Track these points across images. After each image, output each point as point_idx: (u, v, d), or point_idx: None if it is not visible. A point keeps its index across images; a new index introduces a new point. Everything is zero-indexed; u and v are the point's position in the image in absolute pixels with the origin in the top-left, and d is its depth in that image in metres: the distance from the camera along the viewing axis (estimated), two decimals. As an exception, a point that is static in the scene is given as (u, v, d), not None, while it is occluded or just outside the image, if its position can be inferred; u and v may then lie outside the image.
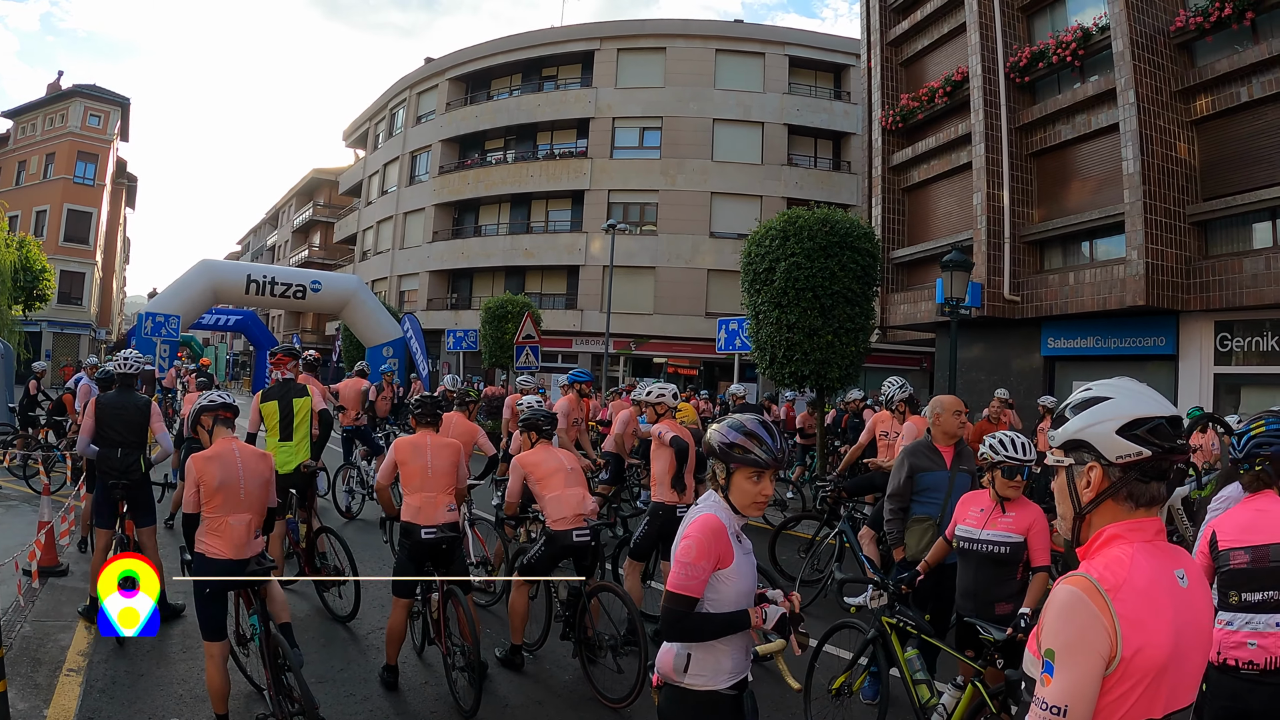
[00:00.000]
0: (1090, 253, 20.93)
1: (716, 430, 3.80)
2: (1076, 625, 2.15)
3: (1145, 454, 2.28)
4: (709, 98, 42.65)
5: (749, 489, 3.74)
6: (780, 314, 17.36)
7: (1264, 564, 4.30)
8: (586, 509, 7.89)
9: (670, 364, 42.12)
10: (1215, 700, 4.34)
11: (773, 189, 41.79)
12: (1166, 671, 2.17)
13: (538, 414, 8.50)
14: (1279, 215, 17.68)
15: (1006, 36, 21.92)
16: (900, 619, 6.09)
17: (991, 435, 5.94)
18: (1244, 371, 18.55)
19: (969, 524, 5.97)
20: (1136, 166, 18.10)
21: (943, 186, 24.68)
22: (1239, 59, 17.73)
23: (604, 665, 7.57)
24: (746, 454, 3.71)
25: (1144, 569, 2.21)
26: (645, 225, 42.92)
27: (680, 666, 3.71)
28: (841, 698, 6.30)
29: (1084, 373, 20.89)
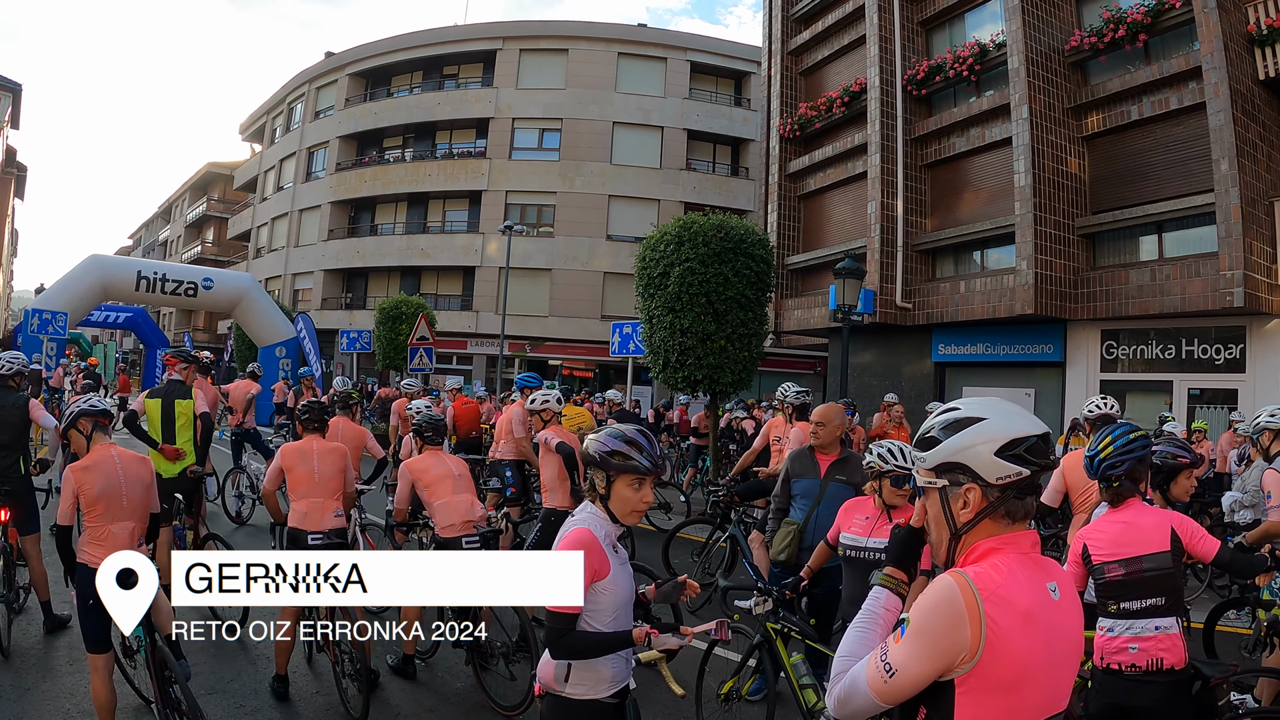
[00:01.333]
0: (981, 262, 21.11)
1: (596, 439, 3.79)
2: (939, 616, 2.18)
3: (1025, 473, 2.28)
4: (609, 101, 42.26)
5: (630, 497, 3.73)
6: (674, 319, 17.27)
7: (1138, 575, 4.52)
8: (475, 515, 7.79)
9: (566, 367, 41.69)
10: (1100, 697, 4.59)
11: (671, 193, 41.64)
12: (1036, 680, 2.21)
13: (428, 419, 8.35)
14: (1165, 229, 18.02)
15: (905, 50, 21.98)
16: (785, 624, 6.04)
17: (878, 444, 5.90)
18: (1129, 378, 18.86)
19: (854, 532, 5.90)
20: (1028, 179, 18.27)
21: (838, 194, 24.63)
22: (1130, 79, 18.06)
23: (496, 673, 7.38)
24: (627, 461, 3.70)
25: (1019, 579, 2.23)
26: (542, 227, 42.40)
27: (561, 676, 3.71)
28: (731, 702, 6.31)
29: (974, 379, 21.23)
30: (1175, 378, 17.90)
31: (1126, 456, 4.75)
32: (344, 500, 7.89)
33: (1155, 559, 4.57)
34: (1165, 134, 17.83)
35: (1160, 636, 4.53)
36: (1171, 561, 4.58)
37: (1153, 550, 4.59)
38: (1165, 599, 4.56)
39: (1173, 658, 4.51)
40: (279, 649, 7.19)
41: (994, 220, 19.92)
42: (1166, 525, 4.67)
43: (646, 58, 43.07)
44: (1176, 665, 4.51)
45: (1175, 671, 4.51)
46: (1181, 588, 4.71)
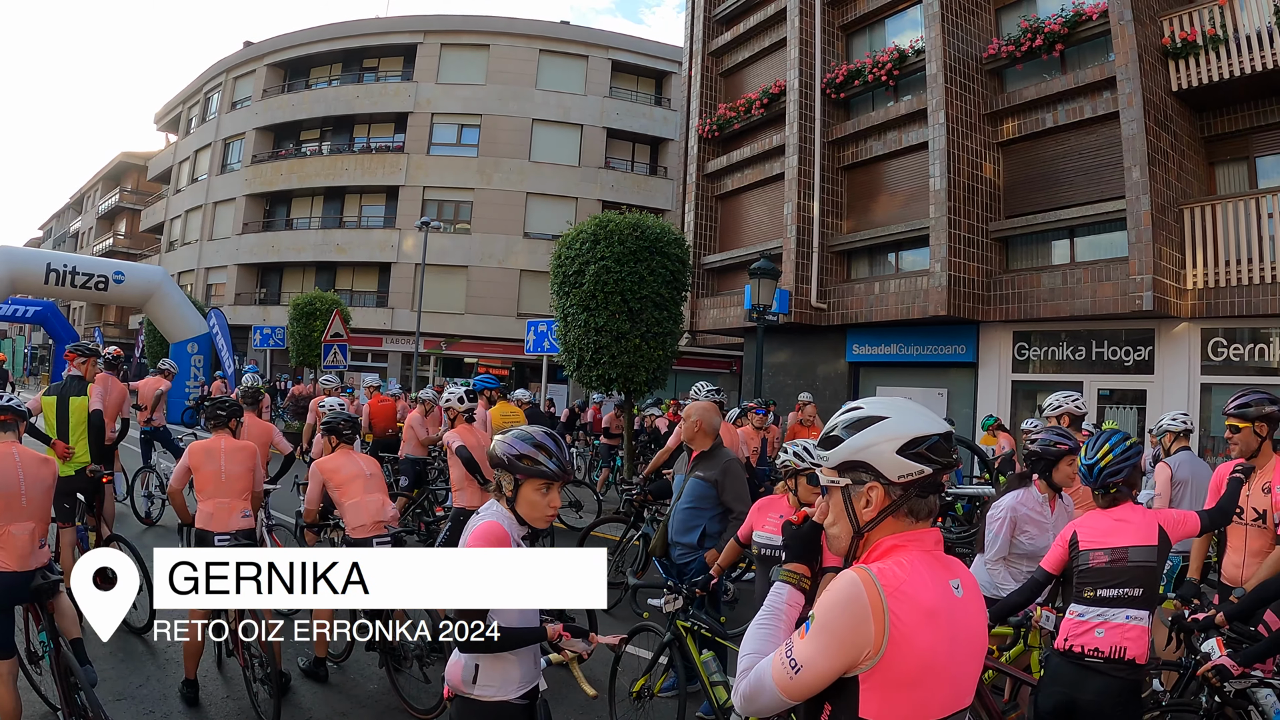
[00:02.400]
0: (896, 264, 21.00)
1: (503, 441, 3.72)
2: (843, 612, 2.17)
3: (926, 471, 2.29)
4: (530, 98, 41.76)
5: (538, 501, 3.69)
6: (589, 317, 17.19)
7: (1122, 564, 4.55)
8: (386, 515, 7.65)
9: (481, 365, 40.86)
10: (1051, 685, 4.61)
11: (589, 191, 41.30)
12: (940, 676, 2.22)
13: (339, 417, 8.13)
14: (1076, 234, 18.07)
15: (825, 54, 21.86)
16: (694, 622, 6.03)
17: (793, 443, 5.86)
18: (1040, 379, 18.89)
19: (768, 531, 5.90)
20: (943, 184, 18.22)
21: (755, 195, 24.42)
22: (1046, 87, 18.08)
23: (410, 675, 7.25)
24: (535, 465, 3.65)
25: (922, 576, 2.23)
26: (459, 224, 41.71)
27: (469, 678, 3.67)
28: (643, 700, 6.28)
29: (888, 379, 21.18)
30: (1086, 379, 17.90)
31: (1125, 464, 4.79)
32: (252, 500, 7.70)
33: (1142, 551, 4.60)
34: (1079, 141, 17.94)
35: (1129, 626, 4.53)
36: (1156, 557, 4.61)
37: (1141, 543, 4.62)
38: (1143, 591, 4.57)
39: (1135, 650, 4.50)
40: (188, 653, 6.91)
41: (909, 223, 19.86)
42: (1155, 523, 4.72)
43: (568, 55, 42.66)
44: (1138, 659, 4.50)
45: (1134, 666, 4.50)
46: (1157, 589, 4.75)
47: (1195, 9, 16.44)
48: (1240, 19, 15.72)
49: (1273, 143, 16.85)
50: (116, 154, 72.00)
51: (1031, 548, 5.80)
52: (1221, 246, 15.92)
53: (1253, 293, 15.44)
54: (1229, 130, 17.26)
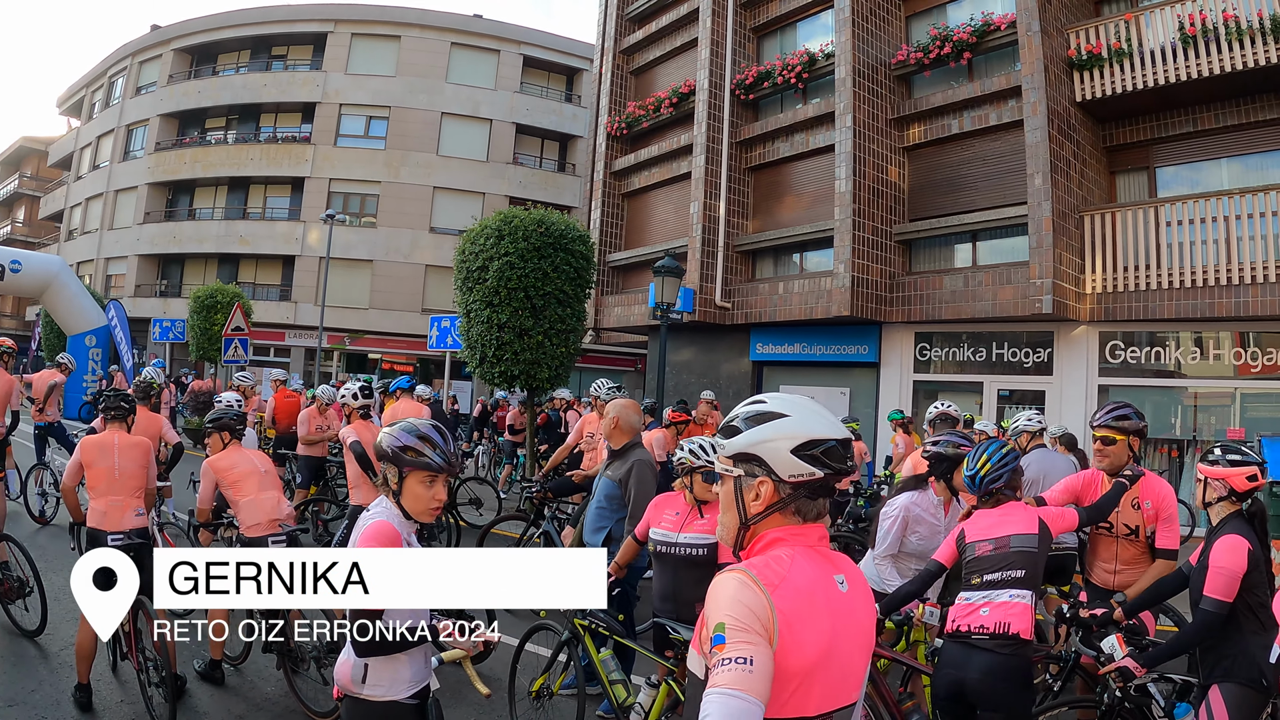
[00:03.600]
0: (800, 264, 20.87)
1: (388, 433, 3.66)
2: (745, 605, 2.10)
3: (817, 474, 2.25)
4: (440, 91, 40.55)
5: (422, 494, 3.62)
6: (492, 313, 16.85)
7: (1005, 550, 4.72)
8: (282, 514, 7.38)
9: (386, 361, 40.06)
10: (941, 669, 4.70)
11: (497, 187, 40.32)
12: (823, 669, 2.17)
13: (230, 413, 7.80)
14: (979, 238, 18.18)
15: (736, 55, 21.65)
16: (592, 621, 5.93)
17: (689, 440, 5.77)
18: (941, 379, 19.01)
19: (664, 527, 5.77)
20: (848, 186, 18.07)
21: (662, 194, 24.09)
22: (953, 94, 18.18)
23: (308, 677, 6.95)
24: (420, 457, 3.59)
25: (804, 571, 2.21)
26: (365, 217, 40.33)
27: (358, 678, 3.59)
28: (542, 699, 6.16)
29: (791, 377, 21.06)
30: (986, 379, 18.06)
31: (1004, 469, 5.04)
32: (145, 498, 7.35)
33: (1024, 539, 4.76)
34: (983, 148, 18.01)
35: (1013, 603, 4.58)
36: (1038, 544, 4.76)
37: (1022, 531, 4.80)
38: (1025, 573, 4.66)
39: (1019, 625, 4.53)
40: (80, 656, 6.54)
41: (814, 224, 19.72)
42: (1036, 516, 4.91)
43: (480, 49, 41.58)
44: (1022, 633, 4.51)
45: (1020, 642, 4.51)
46: (1040, 574, 4.83)
47: (1102, 23, 16.71)
48: (1145, 34, 16.00)
49: (1173, 154, 17.29)
50: (16, 138, 69.41)
51: (921, 548, 5.93)
52: (1120, 253, 16.09)
53: (1149, 298, 15.66)
54: (1131, 141, 17.61)
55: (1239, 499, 4.69)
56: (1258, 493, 4.74)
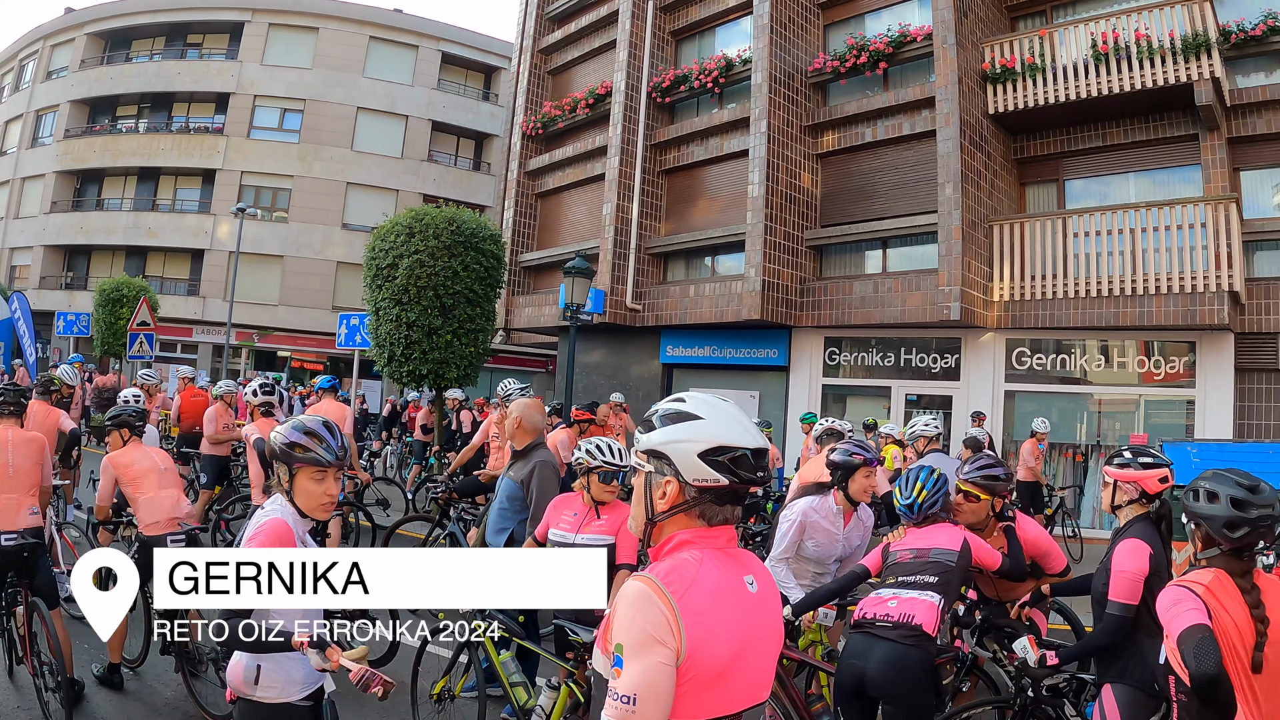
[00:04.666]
0: (712, 267, 20.55)
1: (277, 432, 3.63)
2: (643, 620, 2.08)
3: (723, 482, 2.21)
4: (356, 85, 39.25)
5: (313, 490, 3.58)
6: (401, 311, 16.41)
7: (924, 558, 4.90)
8: (181, 512, 7.09)
9: (295, 358, 38.89)
10: (844, 661, 4.69)
11: (410, 184, 39.17)
12: (733, 669, 2.16)
13: (129, 409, 7.55)
14: (889, 245, 18.14)
15: (654, 58, 21.23)
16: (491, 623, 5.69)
17: (587, 440, 5.74)
18: (849, 383, 18.93)
19: (562, 528, 5.72)
20: (761, 191, 17.82)
21: (575, 194, 23.58)
22: (868, 102, 18.12)
23: (207, 679, 6.71)
24: (308, 453, 3.56)
25: (711, 573, 2.18)
26: (277, 211, 38.91)
27: (250, 679, 3.52)
28: (444, 702, 6.00)
29: (701, 380, 20.58)
30: (894, 384, 17.99)
31: (938, 495, 5.18)
32: (40, 496, 6.91)
33: (943, 552, 4.90)
34: (896, 157, 17.96)
35: (921, 599, 4.66)
36: (956, 560, 4.87)
37: (945, 546, 4.94)
38: (938, 580, 4.76)
39: (924, 619, 4.57)
40: None
41: (726, 228, 19.38)
42: (961, 536, 5.04)
43: (398, 44, 40.35)
44: (925, 627, 4.55)
45: (922, 635, 4.53)
46: (955, 590, 4.93)
47: (1017, 38, 16.87)
48: (1059, 50, 16.19)
49: (1082, 167, 17.50)
50: (-78, 123, 66.39)
51: (817, 554, 5.93)
52: (1029, 262, 16.18)
53: (1056, 306, 15.76)
54: (1041, 154, 17.86)
55: (1148, 501, 4.63)
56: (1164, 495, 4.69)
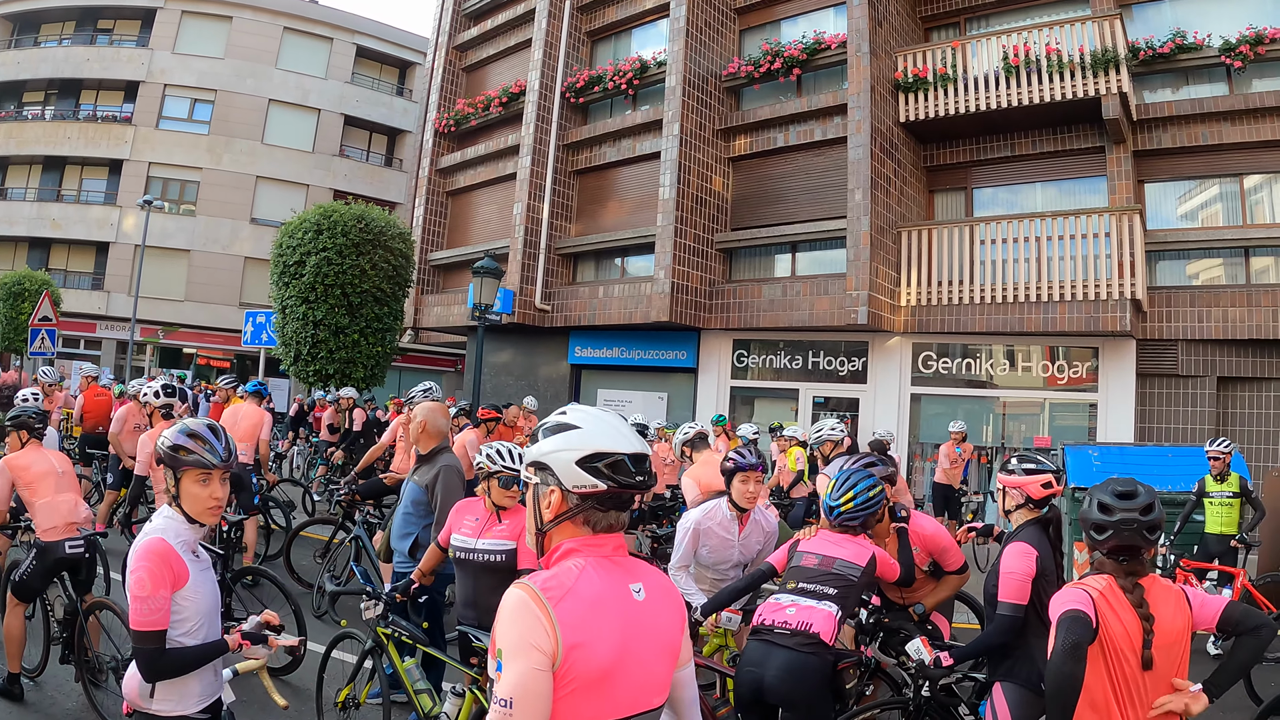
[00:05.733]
0: (622, 269, 20.17)
1: (162, 436, 3.51)
2: (520, 627, 2.10)
3: (600, 488, 2.23)
4: (269, 76, 37.70)
5: (199, 493, 3.45)
6: (308, 309, 16.18)
7: (827, 567, 4.81)
8: (79, 517, 6.79)
9: (202, 356, 37.40)
10: (742, 668, 4.63)
11: (321, 179, 37.86)
12: (616, 675, 2.17)
13: (28, 410, 7.24)
14: (799, 249, 17.96)
15: (570, 58, 20.74)
16: (395, 629, 5.64)
17: (488, 445, 5.52)
18: (758, 385, 18.74)
19: (464, 533, 5.49)
20: (672, 193, 17.48)
21: (486, 193, 22.97)
22: (780, 108, 17.86)
23: (108, 689, 6.41)
24: (190, 455, 3.44)
25: (592, 581, 2.20)
26: (184, 204, 37.25)
27: (146, 693, 3.39)
28: (348, 709, 5.81)
29: (609, 381, 20.49)
30: (801, 386, 17.80)
31: (863, 512, 5.03)
32: None
33: (849, 565, 4.81)
34: (807, 162, 17.74)
35: (818, 608, 4.62)
36: (860, 575, 4.78)
37: (851, 559, 4.84)
38: (838, 592, 4.70)
39: (821, 628, 4.54)
40: None
41: (636, 230, 19.02)
42: (869, 552, 4.93)
43: (312, 35, 38.93)
44: (823, 635, 4.52)
45: (820, 644, 4.51)
46: (853, 603, 4.83)
47: (930, 48, 16.83)
48: (970, 61, 16.15)
49: (990, 176, 17.48)
50: None
51: (712, 560, 5.86)
52: (936, 268, 16.12)
53: (962, 311, 15.71)
54: (950, 162, 17.81)
55: (1036, 506, 4.64)
56: (1054, 500, 4.71)
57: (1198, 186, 15.96)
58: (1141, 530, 3.29)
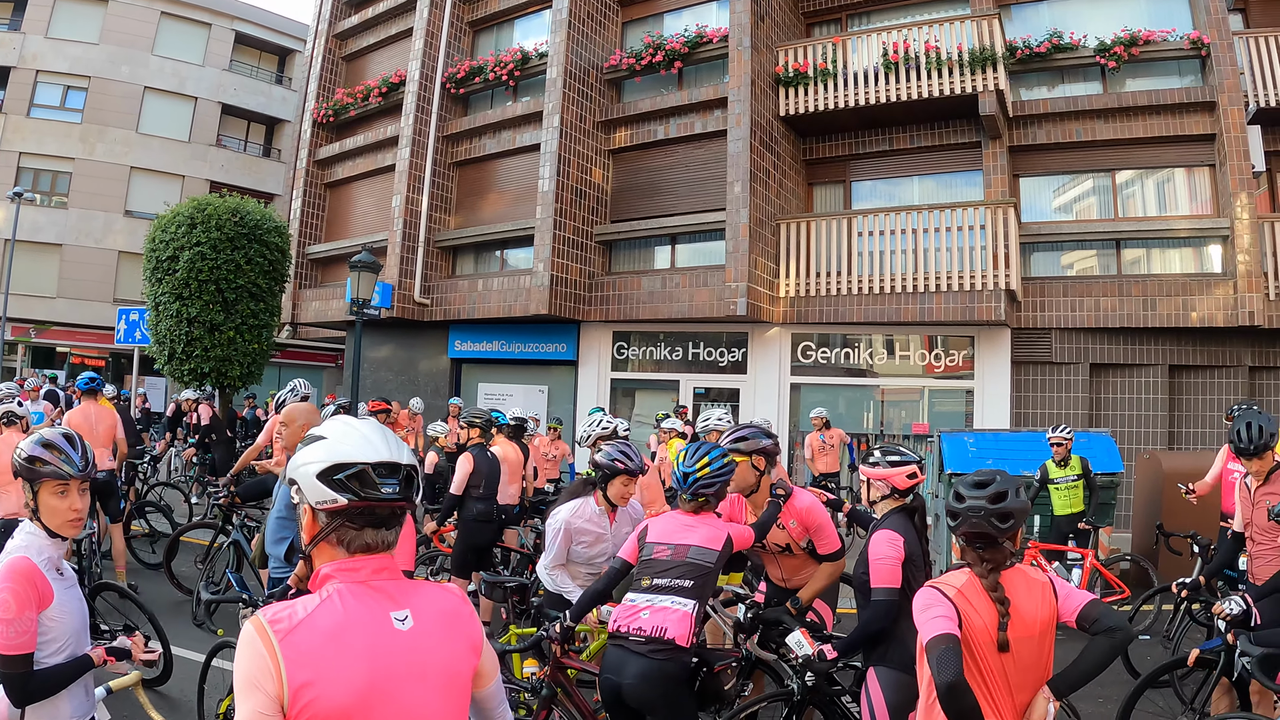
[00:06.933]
0: (501, 262, 19.51)
1: (19, 447, 3.31)
2: (246, 663, 1.91)
3: (341, 502, 2.01)
4: (145, 63, 35.23)
5: (57, 505, 3.26)
6: (181, 306, 15.45)
7: (681, 558, 4.59)
8: None
9: (76, 354, 34.99)
10: (603, 674, 4.54)
11: (198, 170, 35.69)
12: (367, 714, 1.94)
13: None
14: (678, 241, 17.61)
15: (451, 48, 19.96)
16: None
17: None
18: (638, 377, 18.37)
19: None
20: (552, 185, 16.94)
21: (365, 185, 21.98)
22: (661, 101, 17.53)
23: None
24: (47, 466, 3.24)
25: (333, 611, 1.96)
26: (56, 196, 34.91)
27: (16, 715, 3.16)
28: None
29: (490, 375, 19.90)
30: (682, 377, 17.52)
31: (718, 479, 4.86)
32: None
33: (703, 552, 4.61)
34: (687, 155, 17.41)
35: (673, 609, 4.47)
36: (715, 561, 4.62)
37: (705, 545, 4.63)
38: (694, 585, 4.55)
39: (676, 631, 4.41)
40: None
41: (516, 222, 18.40)
42: (725, 534, 4.73)
43: (191, 21, 36.54)
44: (678, 639, 4.40)
45: (675, 649, 4.40)
46: (709, 590, 4.72)
47: (811, 43, 16.79)
48: (851, 57, 16.01)
49: (869, 169, 17.45)
50: None
51: (587, 555, 5.77)
52: (814, 259, 15.95)
53: (840, 302, 15.58)
54: (830, 155, 17.63)
55: (902, 496, 4.65)
56: (918, 488, 4.72)
57: (1072, 181, 16.24)
58: (990, 518, 3.25)
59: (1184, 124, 14.96)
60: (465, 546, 8.50)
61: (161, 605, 6.74)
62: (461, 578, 8.40)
